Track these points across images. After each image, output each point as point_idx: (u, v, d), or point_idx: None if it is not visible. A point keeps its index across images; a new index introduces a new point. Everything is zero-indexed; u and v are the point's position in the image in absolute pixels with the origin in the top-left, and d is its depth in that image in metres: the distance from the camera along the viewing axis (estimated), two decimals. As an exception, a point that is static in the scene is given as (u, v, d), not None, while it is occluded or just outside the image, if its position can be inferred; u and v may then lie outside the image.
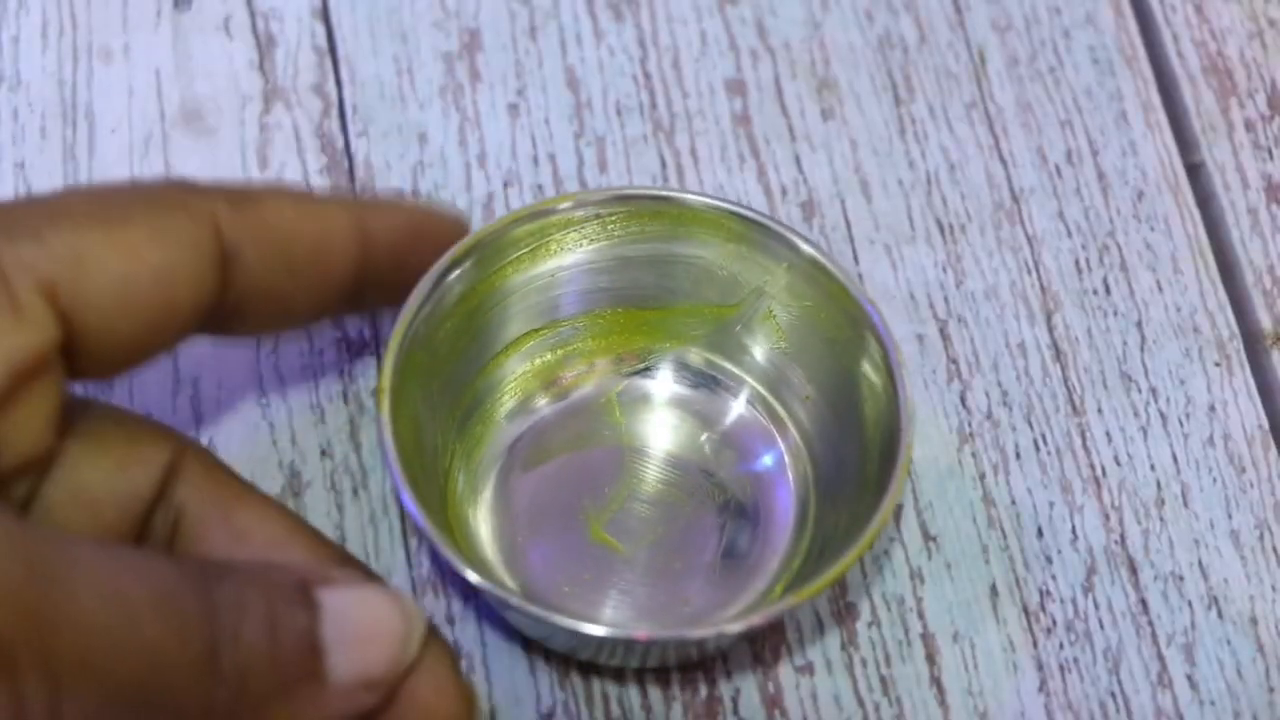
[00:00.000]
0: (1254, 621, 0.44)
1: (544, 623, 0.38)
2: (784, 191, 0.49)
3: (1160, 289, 0.49)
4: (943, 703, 0.43)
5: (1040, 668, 0.43)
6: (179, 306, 0.34)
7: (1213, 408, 0.47)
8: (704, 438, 0.45)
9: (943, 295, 0.48)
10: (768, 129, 0.50)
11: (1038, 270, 0.49)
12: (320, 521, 0.44)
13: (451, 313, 0.42)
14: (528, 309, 0.44)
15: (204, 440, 0.44)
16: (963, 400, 0.46)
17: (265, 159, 0.49)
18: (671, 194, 0.44)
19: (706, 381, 0.46)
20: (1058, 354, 0.47)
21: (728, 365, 0.45)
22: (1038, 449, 0.46)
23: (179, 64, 0.50)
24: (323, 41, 0.51)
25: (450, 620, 0.43)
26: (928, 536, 0.45)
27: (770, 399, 0.45)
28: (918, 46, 0.52)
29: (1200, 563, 0.45)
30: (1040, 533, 0.45)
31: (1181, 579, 0.44)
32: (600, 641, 0.40)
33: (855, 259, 0.48)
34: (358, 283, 0.38)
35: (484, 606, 0.43)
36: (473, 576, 0.39)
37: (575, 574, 0.43)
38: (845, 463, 0.43)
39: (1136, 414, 0.47)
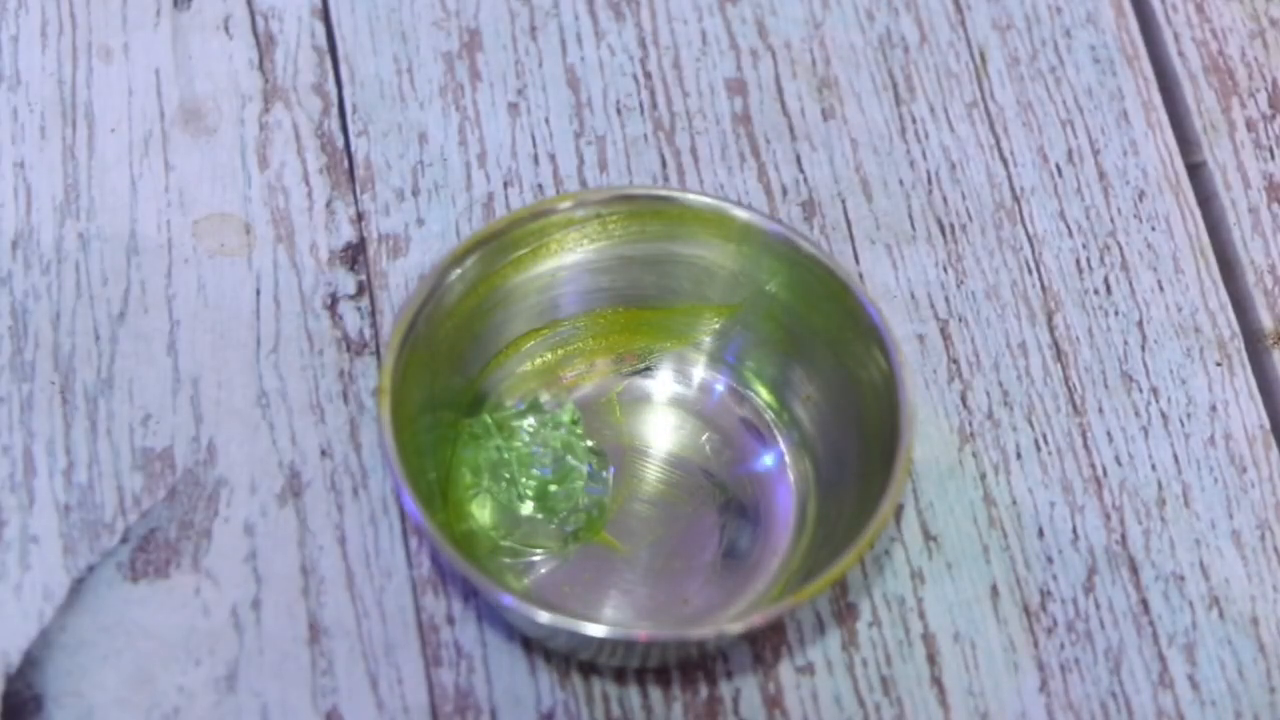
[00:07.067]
0: (1255, 621, 0.44)
1: (543, 623, 0.38)
2: (784, 191, 0.49)
3: (1161, 289, 0.49)
4: (943, 703, 0.43)
5: (1041, 668, 0.43)
6: None
7: (1214, 407, 0.47)
8: (704, 438, 0.45)
9: (943, 295, 0.48)
10: (768, 128, 0.50)
11: (1039, 270, 0.49)
12: (320, 521, 0.44)
13: (452, 312, 0.42)
14: (528, 309, 0.44)
15: (204, 440, 0.44)
16: (963, 400, 0.46)
17: (265, 158, 0.49)
18: (672, 193, 0.44)
19: (707, 381, 0.46)
20: (1059, 354, 0.47)
21: (728, 365, 0.45)
22: (1039, 449, 0.46)
23: (179, 63, 0.50)
24: (322, 41, 0.51)
25: (450, 620, 0.43)
26: (928, 536, 0.45)
27: (771, 399, 0.45)
28: (918, 46, 0.52)
29: (1201, 563, 0.45)
30: (1041, 533, 0.45)
31: (1183, 579, 0.44)
32: (600, 641, 0.39)
33: (856, 259, 0.48)
34: None
35: (484, 606, 0.43)
36: (473, 577, 0.39)
37: (575, 574, 0.43)
38: (845, 463, 0.43)
39: (1137, 414, 0.47)
